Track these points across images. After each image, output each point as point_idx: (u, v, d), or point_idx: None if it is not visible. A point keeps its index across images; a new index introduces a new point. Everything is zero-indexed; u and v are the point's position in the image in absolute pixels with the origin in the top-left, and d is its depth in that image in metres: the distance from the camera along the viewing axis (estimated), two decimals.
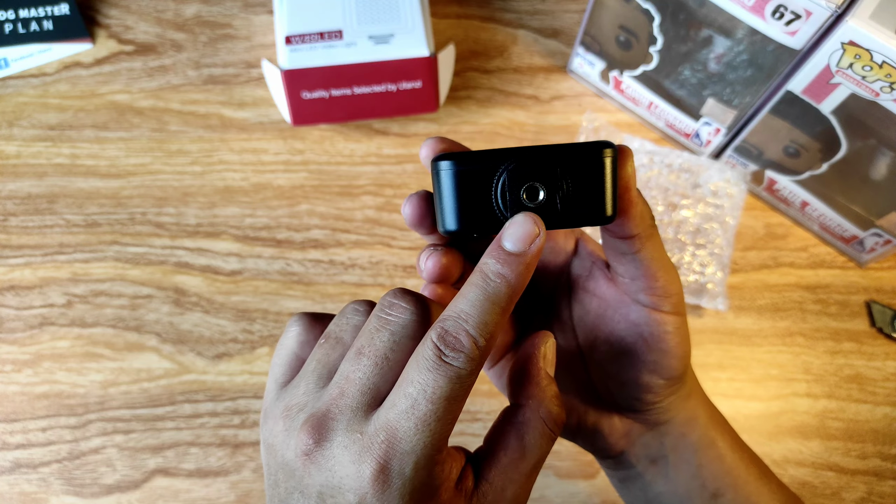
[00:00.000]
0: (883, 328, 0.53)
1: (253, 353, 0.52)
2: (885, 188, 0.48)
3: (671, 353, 0.29)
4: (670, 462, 0.32)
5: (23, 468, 0.50)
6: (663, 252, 0.28)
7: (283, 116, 0.57)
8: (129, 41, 0.61)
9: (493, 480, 0.25)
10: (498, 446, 0.25)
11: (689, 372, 0.32)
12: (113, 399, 0.51)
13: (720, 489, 0.32)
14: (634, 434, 0.33)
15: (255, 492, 0.49)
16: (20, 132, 0.58)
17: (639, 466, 0.33)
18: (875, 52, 0.39)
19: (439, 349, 0.22)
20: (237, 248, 0.55)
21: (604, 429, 0.33)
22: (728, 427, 0.34)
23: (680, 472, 0.32)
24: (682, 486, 0.32)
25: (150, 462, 0.50)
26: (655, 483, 0.33)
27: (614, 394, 0.32)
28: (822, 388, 0.52)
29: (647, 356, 0.30)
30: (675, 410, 0.32)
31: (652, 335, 0.29)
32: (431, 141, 0.28)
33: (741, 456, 0.33)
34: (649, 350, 0.29)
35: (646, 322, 0.29)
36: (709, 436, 0.32)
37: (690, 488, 0.32)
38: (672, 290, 0.29)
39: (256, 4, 0.63)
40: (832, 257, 0.55)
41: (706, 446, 0.32)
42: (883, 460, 0.50)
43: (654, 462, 0.33)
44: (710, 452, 0.32)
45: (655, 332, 0.29)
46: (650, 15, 0.49)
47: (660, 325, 0.29)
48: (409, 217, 0.27)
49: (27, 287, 0.54)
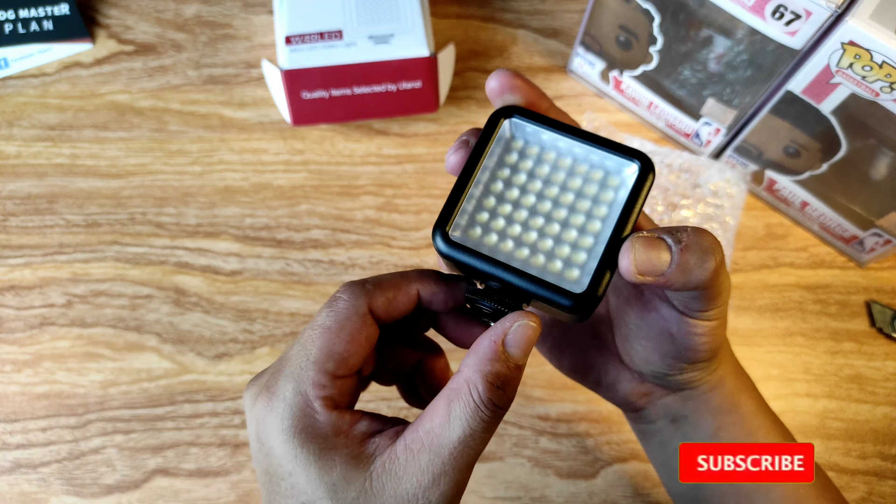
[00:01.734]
0: (883, 328, 0.53)
1: (253, 353, 0.52)
2: (885, 188, 0.48)
3: (699, 349, 0.29)
4: (690, 423, 0.33)
5: (23, 468, 0.50)
6: (729, 282, 0.28)
7: (283, 116, 0.57)
8: (129, 41, 0.61)
9: (409, 443, 0.24)
10: (427, 410, 0.25)
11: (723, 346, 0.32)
12: (113, 399, 0.51)
13: None
14: (656, 396, 0.33)
15: (255, 492, 0.49)
16: (20, 132, 0.58)
17: (658, 423, 0.34)
18: (875, 52, 0.39)
19: None
20: (237, 248, 0.55)
21: (624, 388, 0.33)
22: (754, 393, 0.34)
23: (697, 433, 0.33)
24: None
25: (150, 462, 0.50)
26: (673, 440, 0.34)
27: (636, 363, 0.32)
28: (822, 388, 0.52)
29: (671, 347, 0.30)
30: (700, 380, 0.32)
31: (681, 332, 0.29)
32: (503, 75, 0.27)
33: (762, 422, 0.33)
34: (673, 342, 0.29)
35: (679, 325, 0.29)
36: (732, 401, 0.33)
37: None
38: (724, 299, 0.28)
39: (256, 4, 0.62)
40: (832, 257, 0.55)
41: (728, 411, 0.33)
42: (883, 460, 0.50)
43: (673, 421, 0.33)
44: (731, 417, 0.32)
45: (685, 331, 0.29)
46: (650, 15, 0.49)
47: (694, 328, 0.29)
48: (454, 168, 0.27)
49: (27, 287, 0.54)
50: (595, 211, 0.27)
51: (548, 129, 0.27)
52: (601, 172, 0.27)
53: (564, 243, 0.26)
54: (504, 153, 0.28)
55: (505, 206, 0.27)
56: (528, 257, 0.26)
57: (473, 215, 0.27)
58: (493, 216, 0.27)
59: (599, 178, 0.27)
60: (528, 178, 0.27)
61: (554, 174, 0.27)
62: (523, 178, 0.27)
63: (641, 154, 0.26)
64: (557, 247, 0.26)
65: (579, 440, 0.50)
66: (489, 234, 0.27)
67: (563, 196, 0.27)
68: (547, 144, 0.28)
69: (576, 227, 0.27)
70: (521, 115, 0.27)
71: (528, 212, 0.27)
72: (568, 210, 0.27)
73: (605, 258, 0.25)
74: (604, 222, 0.27)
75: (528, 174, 0.27)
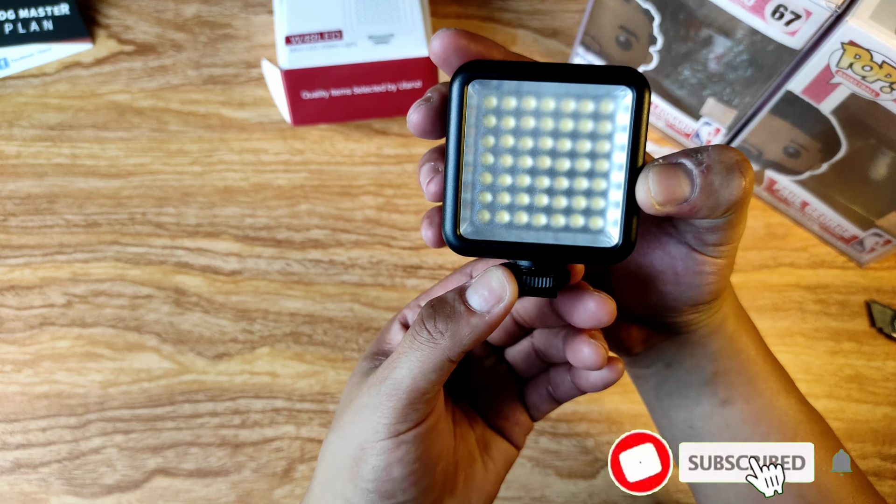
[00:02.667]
0: (883, 328, 0.53)
1: (253, 353, 0.52)
2: (885, 188, 0.48)
3: (703, 289, 0.28)
4: (685, 368, 0.33)
5: (23, 468, 0.50)
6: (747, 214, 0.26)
7: (283, 116, 0.57)
8: (129, 41, 0.61)
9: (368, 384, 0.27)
10: None
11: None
12: (113, 399, 0.51)
13: (731, 398, 0.32)
14: (653, 341, 0.33)
15: (255, 492, 0.49)
16: (20, 132, 0.58)
17: (653, 367, 0.34)
18: (875, 52, 0.39)
19: None
20: (237, 248, 0.55)
21: (620, 334, 0.33)
22: (755, 337, 0.33)
23: (692, 378, 0.33)
24: (692, 391, 0.33)
25: (150, 462, 0.50)
26: (666, 384, 0.33)
27: (634, 307, 0.31)
28: (822, 388, 0.52)
29: (674, 287, 0.29)
30: (699, 324, 0.31)
31: (687, 271, 0.28)
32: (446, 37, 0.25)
33: (762, 368, 0.32)
34: (677, 282, 0.28)
35: (686, 263, 0.28)
36: (732, 346, 0.32)
37: (700, 394, 0.32)
38: (738, 235, 0.27)
39: (256, 4, 0.62)
40: (832, 257, 0.55)
41: (727, 356, 0.32)
42: (883, 460, 0.50)
43: (669, 365, 0.33)
44: (729, 363, 0.32)
45: (692, 270, 0.28)
46: (650, 15, 0.49)
47: (702, 267, 0.28)
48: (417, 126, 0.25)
49: (27, 287, 0.54)
50: (598, 149, 0.25)
51: (517, 77, 0.24)
52: (591, 104, 0.24)
53: (578, 194, 0.25)
54: (480, 119, 0.25)
55: (504, 177, 0.25)
56: (546, 222, 0.25)
57: (476, 200, 0.25)
58: (496, 192, 0.25)
59: (591, 110, 0.24)
60: (515, 138, 0.25)
61: (541, 123, 0.25)
62: (511, 140, 0.25)
63: (628, 71, 0.24)
64: (572, 200, 0.25)
65: (579, 440, 0.50)
66: (499, 212, 0.25)
67: (559, 144, 0.25)
68: (522, 92, 0.25)
69: (583, 174, 0.25)
70: (482, 72, 0.24)
71: (529, 174, 0.25)
72: (569, 157, 0.25)
73: (629, 199, 0.24)
74: (610, 159, 0.25)
75: (513, 133, 0.25)
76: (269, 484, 0.49)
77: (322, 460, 0.29)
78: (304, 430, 0.50)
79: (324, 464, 0.29)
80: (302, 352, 0.52)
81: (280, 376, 0.52)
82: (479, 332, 0.25)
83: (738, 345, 0.32)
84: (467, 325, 0.25)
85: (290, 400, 0.51)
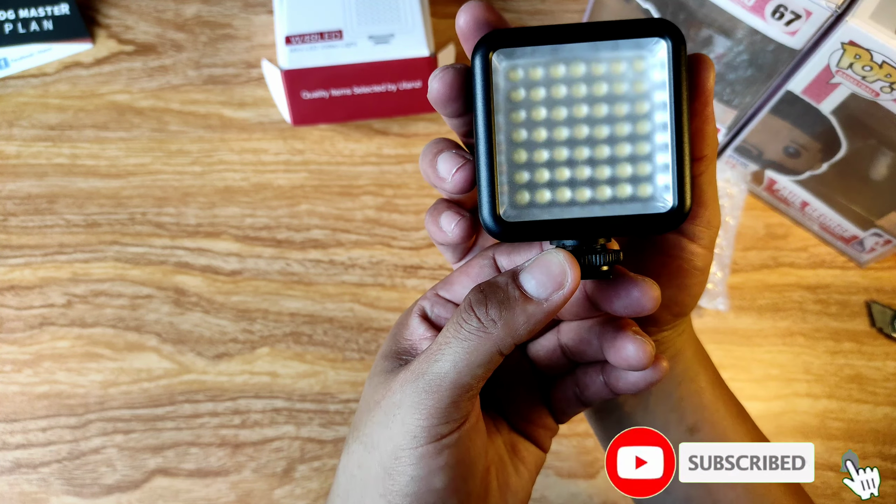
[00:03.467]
0: (883, 328, 0.53)
1: (253, 353, 0.52)
2: (885, 188, 0.48)
3: (691, 291, 0.27)
4: (653, 394, 0.31)
5: (23, 468, 0.50)
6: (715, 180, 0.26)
7: (283, 116, 0.57)
8: (129, 41, 0.61)
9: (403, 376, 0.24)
10: None
11: None
12: (113, 399, 0.51)
13: (697, 423, 0.31)
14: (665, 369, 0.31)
15: (255, 492, 0.49)
16: (20, 132, 0.58)
17: (619, 398, 0.32)
18: (875, 52, 0.39)
19: None
20: (237, 248, 0.55)
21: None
22: (710, 363, 0.32)
23: (660, 405, 0.31)
24: (660, 418, 0.31)
25: (150, 462, 0.50)
26: (634, 414, 0.32)
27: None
28: (823, 388, 0.52)
29: (666, 290, 0.27)
30: (667, 344, 0.30)
31: (681, 269, 0.27)
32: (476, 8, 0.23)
33: (720, 393, 0.32)
34: (670, 284, 0.27)
35: (679, 254, 0.27)
36: (693, 370, 0.31)
37: (668, 420, 0.31)
38: (715, 221, 0.26)
39: (256, 4, 0.62)
40: (832, 257, 0.55)
41: (688, 380, 0.31)
42: (883, 460, 0.50)
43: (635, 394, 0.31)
44: (692, 386, 0.31)
45: (685, 267, 0.27)
46: (650, 15, 0.49)
47: (692, 260, 0.27)
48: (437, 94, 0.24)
49: (27, 287, 0.54)
50: (637, 110, 0.23)
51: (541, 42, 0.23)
52: (623, 64, 0.23)
53: (622, 161, 0.23)
54: (507, 93, 0.23)
55: (540, 153, 0.23)
56: (591, 195, 0.23)
57: (513, 180, 0.23)
58: (533, 170, 0.23)
59: (623, 71, 0.23)
60: (547, 109, 0.23)
61: (573, 89, 0.23)
62: (543, 112, 0.23)
63: (662, 23, 0.22)
64: (616, 168, 0.23)
65: (579, 440, 0.50)
66: (539, 191, 0.23)
67: (594, 110, 0.23)
68: (549, 59, 0.23)
69: (625, 138, 0.23)
70: (504, 42, 0.22)
71: (566, 146, 0.23)
72: (607, 123, 0.23)
73: (678, 158, 0.22)
74: (652, 120, 0.23)
75: (545, 105, 0.23)
76: (269, 484, 0.49)
77: (343, 474, 0.26)
78: (304, 430, 0.50)
79: (346, 477, 0.26)
80: (302, 352, 0.52)
81: (280, 376, 0.52)
82: (535, 322, 0.22)
83: (696, 368, 0.31)
84: (523, 312, 0.22)
85: (290, 400, 0.51)
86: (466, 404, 0.23)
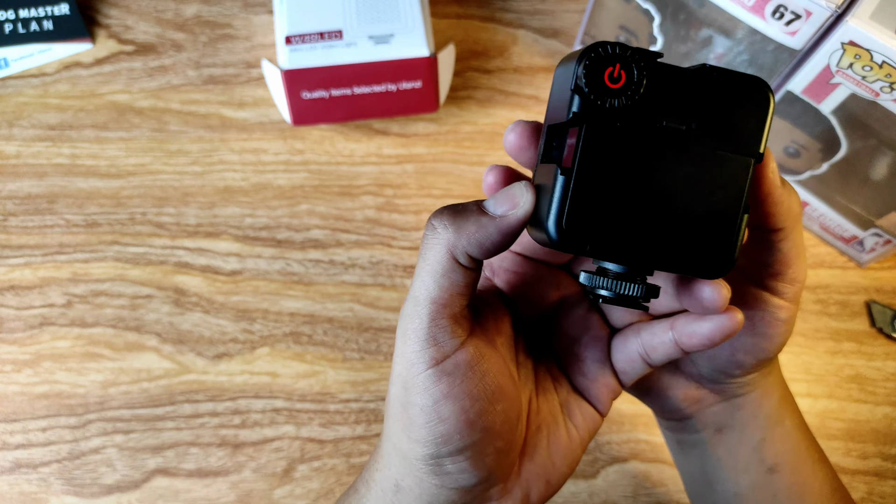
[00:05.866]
0: (883, 328, 0.53)
1: (253, 353, 0.52)
2: (885, 188, 0.48)
3: (775, 340, 0.28)
4: (736, 433, 0.32)
5: (23, 468, 0.50)
6: (802, 238, 0.27)
7: (283, 116, 0.57)
8: (129, 41, 0.61)
9: None
10: None
11: None
12: (113, 399, 0.51)
13: (778, 465, 0.31)
14: (706, 402, 0.32)
15: (255, 492, 0.49)
16: (20, 132, 0.58)
17: (703, 433, 0.32)
18: (875, 52, 0.39)
19: None
20: (237, 248, 0.55)
21: (676, 394, 0.32)
22: (796, 408, 0.33)
23: (742, 444, 0.32)
24: (741, 458, 0.32)
25: (150, 462, 0.50)
26: (716, 451, 0.32)
27: (697, 363, 0.31)
28: (823, 388, 0.52)
29: (750, 338, 0.28)
30: (754, 385, 0.31)
31: (763, 320, 0.27)
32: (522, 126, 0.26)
33: (804, 438, 0.32)
34: (753, 333, 0.28)
35: (762, 307, 0.27)
36: (779, 413, 0.32)
37: (749, 460, 0.32)
38: (801, 277, 0.27)
39: (256, 4, 0.62)
40: (832, 257, 0.55)
41: (775, 423, 0.32)
42: (883, 460, 0.50)
43: (719, 431, 0.32)
44: (778, 430, 0.32)
45: (767, 319, 0.27)
46: (650, 15, 0.49)
47: (775, 312, 0.27)
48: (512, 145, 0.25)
49: (27, 287, 0.54)
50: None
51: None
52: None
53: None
54: None
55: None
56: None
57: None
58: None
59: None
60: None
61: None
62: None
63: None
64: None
65: None
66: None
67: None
68: None
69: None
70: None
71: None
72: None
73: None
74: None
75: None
76: (269, 484, 0.49)
77: (386, 415, 0.27)
78: (304, 430, 0.50)
79: (387, 418, 0.27)
80: (302, 352, 0.52)
81: (280, 376, 0.52)
82: (488, 234, 0.23)
83: (783, 412, 0.32)
84: (476, 221, 0.23)
85: (290, 400, 0.51)
86: (448, 324, 0.24)
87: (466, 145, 0.58)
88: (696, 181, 0.23)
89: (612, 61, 0.22)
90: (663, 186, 0.23)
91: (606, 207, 0.23)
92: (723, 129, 0.23)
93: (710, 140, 0.23)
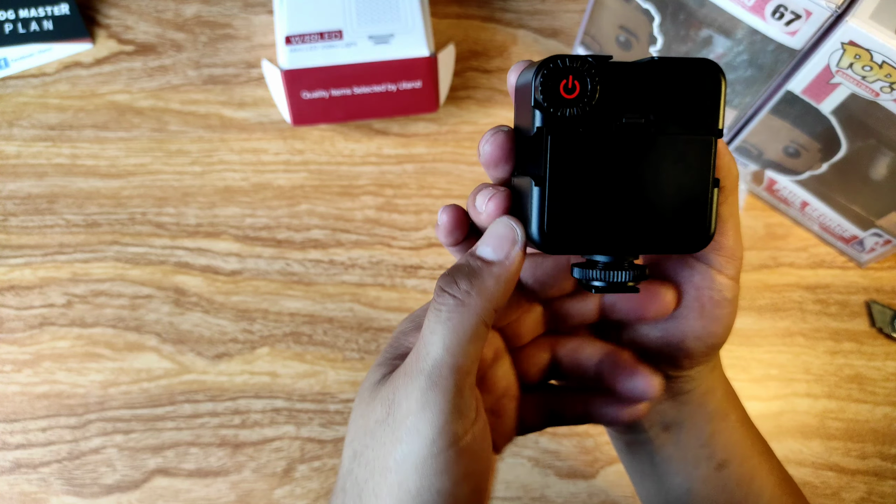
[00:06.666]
0: (883, 328, 0.53)
1: (253, 353, 0.52)
2: (885, 188, 0.48)
3: (723, 322, 0.28)
4: (684, 429, 0.32)
5: (23, 468, 0.50)
6: (738, 211, 0.27)
7: (283, 116, 0.57)
8: (129, 41, 0.61)
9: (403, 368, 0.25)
10: None
11: None
12: (113, 399, 0.51)
13: (727, 460, 0.32)
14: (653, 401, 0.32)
15: (255, 492, 0.49)
16: (20, 132, 0.58)
17: (650, 432, 0.32)
18: (875, 52, 0.39)
19: None
20: (237, 248, 0.55)
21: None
22: (739, 402, 0.33)
23: (691, 440, 0.32)
24: (690, 454, 0.32)
25: (150, 462, 0.50)
26: (664, 449, 0.32)
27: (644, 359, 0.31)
28: (822, 388, 0.52)
29: (699, 321, 0.28)
30: (699, 380, 0.31)
31: (711, 300, 0.28)
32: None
33: (749, 431, 0.33)
34: (702, 315, 0.28)
35: (709, 285, 0.28)
36: (724, 408, 0.32)
37: (698, 456, 0.32)
38: (738, 253, 0.27)
39: (256, 4, 0.62)
40: (832, 257, 0.55)
41: (720, 418, 0.32)
42: (883, 460, 0.50)
43: (666, 429, 0.32)
44: (723, 424, 0.32)
45: (716, 298, 0.28)
46: (650, 15, 0.49)
47: (722, 291, 0.28)
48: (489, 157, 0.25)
49: (27, 287, 0.54)
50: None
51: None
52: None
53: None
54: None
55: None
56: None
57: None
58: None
59: None
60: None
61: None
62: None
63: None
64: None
65: (579, 440, 0.50)
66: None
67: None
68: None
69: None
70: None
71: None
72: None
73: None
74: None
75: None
76: (269, 484, 0.49)
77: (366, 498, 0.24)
78: (304, 430, 0.50)
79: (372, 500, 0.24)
80: (302, 352, 0.52)
81: (280, 376, 0.52)
82: (505, 282, 0.23)
83: (727, 406, 0.32)
84: (490, 276, 0.23)
85: (290, 400, 0.51)
86: (470, 395, 0.23)
87: (466, 145, 0.58)
88: (664, 166, 0.24)
89: (566, 73, 0.23)
90: (634, 177, 0.24)
91: (584, 207, 0.24)
92: (681, 114, 0.24)
93: (670, 126, 0.24)
